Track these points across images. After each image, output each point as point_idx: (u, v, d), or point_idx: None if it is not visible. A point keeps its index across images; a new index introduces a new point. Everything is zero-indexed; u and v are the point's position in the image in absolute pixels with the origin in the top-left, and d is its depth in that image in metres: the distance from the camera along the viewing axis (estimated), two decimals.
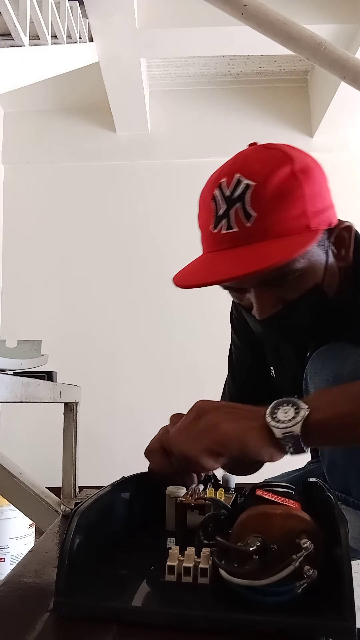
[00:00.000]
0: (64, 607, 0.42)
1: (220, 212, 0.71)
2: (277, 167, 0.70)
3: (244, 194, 0.69)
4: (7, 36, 1.52)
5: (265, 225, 0.69)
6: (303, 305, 0.75)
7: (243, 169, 0.71)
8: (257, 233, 0.69)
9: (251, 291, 0.74)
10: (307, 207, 0.70)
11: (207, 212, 0.74)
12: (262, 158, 0.72)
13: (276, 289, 0.73)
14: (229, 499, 0.61)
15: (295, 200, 0.70)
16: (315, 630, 0.39)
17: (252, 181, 0.69)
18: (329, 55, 1.43)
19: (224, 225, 0.71)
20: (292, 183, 0.70)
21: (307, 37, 1.43)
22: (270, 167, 0.70)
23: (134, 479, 0.63)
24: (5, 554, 1.75)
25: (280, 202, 0.69)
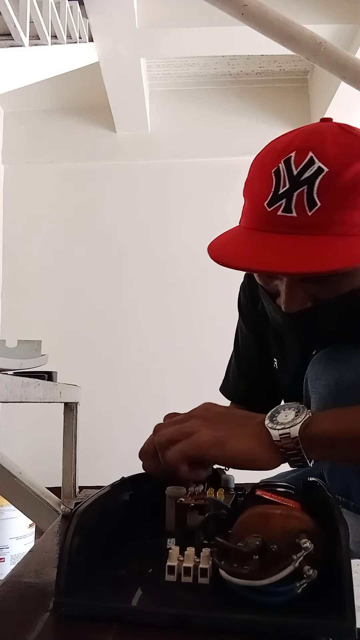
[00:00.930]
0: (64, 607, 0.42)
1: (282, 191, 0.63)
2: (355, 157, 0.63)
3: (314, 179, 0.62)
4: (7, 36, 1.52)
5: (329, 220, 0.62)
6: (333, 308, 0.69)
7: (319, 148, 0.63)
8: (318, 225, 0.62)
9: (283, 280, 0.68)
10: None
11: (265, 184, 0.65)
12: (341, 142, 0.64)
13: (311, 285, 0.67)
14: (229, 499, 0.61)
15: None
16: (315, 630, 0.39)
17: (326, 166, 0.62)
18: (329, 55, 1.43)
19: (282, 207, 0.63)
20: None
21: (307, 37, 1.43)
22: (350, 156, 0.63)
23: (134, 479, 0.63)
24: (5, 554, 1.76)
25: (352, 198, 0.62)
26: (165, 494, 0.60)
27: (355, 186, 0.62)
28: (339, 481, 0.77)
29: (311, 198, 0.62)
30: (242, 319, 1.00)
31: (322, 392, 0.75)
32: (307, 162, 0.63)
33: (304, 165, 0.63)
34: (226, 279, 0.83)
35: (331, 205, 0.62)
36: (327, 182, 0.62)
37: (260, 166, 0.68)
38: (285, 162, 0.64)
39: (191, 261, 2.56)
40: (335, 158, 0.62)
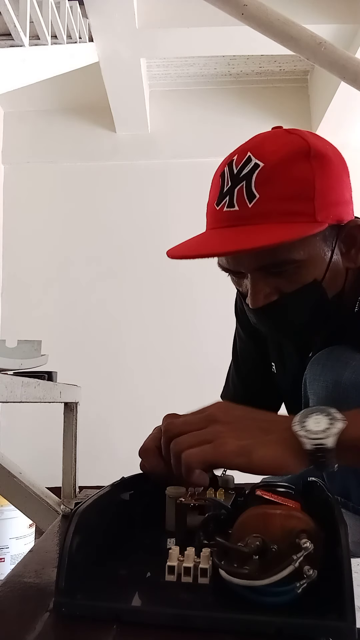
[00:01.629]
0: (64, 607, 0.42)
1: (225, 189, 0.69)
2: (291, 152, 0.68)
3: (251, 174, 0.67)
4: (7, 36, 1.52)
5: (267, 209, 0.66)
6: (299, 301, 0.71)
7: (256, 149, 0.69)
8: (258, 215, 0.67)
9: (248, 277, 0.71)
10: (316, 198, 0.67)
11: (215, 187, 0.72)
12: (279, 141, 0.70)
13: (273, 277, 0.70)
14: (229, 499, 0.61)
15: (303, 189, 0.67)
16: (315, 630, 0.39)
17: (262, 162, 0.67)
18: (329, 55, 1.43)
19: (226, 203, 0.69)
20: (303, 170, 0.67)
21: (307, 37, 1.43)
22: (284, 151, 0.68)
23: (134, 479, 0.63)
24: (5, 554, 1.76)
25: (287, 188, 0.66)
26: (165, 494, 0.60)
27: (291, 178, 0.66)
28: (337, 482, 0.77)
29: (250, 191, 0.67)
30: (239, 325, 1.01)
31: (321, 393, 0.75)
32: (245, 160, 0.68)
33: (243, 163, 0.68)
34: (226, 279, 0.83)
35: (269, 196, 0.66)
36: (264, 176, 0.66)
37: (215, 175, 0.73)
38: (229, 164, 0.70)
39: (191, 261, 2.56)
40: (271, 154, 0.67)
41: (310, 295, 0.71)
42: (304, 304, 0.72)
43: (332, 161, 0.70)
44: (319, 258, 0.70)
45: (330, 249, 0.71)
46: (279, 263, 0.68)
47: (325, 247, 0.71)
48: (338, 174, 0.71)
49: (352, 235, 0.73)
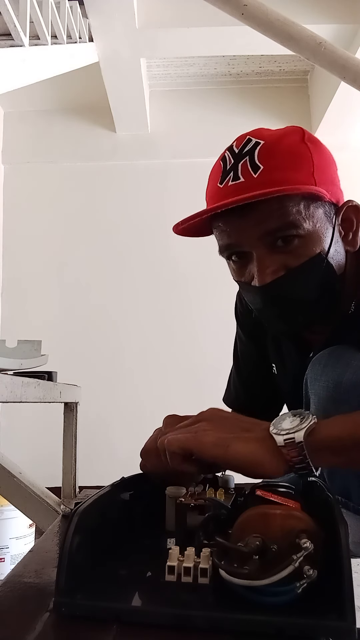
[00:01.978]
0: (64, 607, 0.42)
1: (229, 167, 0.71)
2: (286, 132, 0.72)
3: (253, 149, 0.70)
4: (7, 36, 1.52)
5: (273, 178, 0.67)
6: (307, 274, 0.71)
7: (254, 133, 0.73)
8: (264, 183, 0.67)
9: (253, 260, 0.71)
10: (315, 171, 0.70)
11: (216, 172, 0.74)
12: (274, 130, 0.75)
13: (278, 254, 0.70)
14: (229, 499, 0.61)
15: (303, 162, 0.70)
16: (315, 630, 0.39)
17: (262, 140, 0.70)
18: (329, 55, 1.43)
19: (231, 177, 0.70)
20: (301, 147, 0.71)
21: (307, 37, 1.43)
22: (282, 132, 0.72)
23: (134, 479, 0.63)
24: (5, 554, 1.76)
25: (289, 160, 0.69)
26: (165, 494, 0.60)
27: (291, 151, 0.70)
28: (338, 482, 0.77)
29: (254, 163, 0.69)
30: (240, 327, 1.01)
31: (321, 393, 0.75)
32: (246, 141, 0.71)
33: (244, 144, 0.71)
34: (226, 278, 0.83)
35: (273, 166, 0.69)
36: (266, 150, 0.69)
37: (213, 167, 0.76)
38: (229, 149, 0.73)
39: (191, 261, 2.56)
40: (268, 135, 0.71)
41: (317, 268, 0.71)
42: (312, 277, 0.71)
43: (323, 147, 0.75)
44: (322, 231, 0.71)
45: (332, 226, 0.73)
46: (285, 228, 0.68)
47: (327, 222, 0.72)
48: (330, 159, 0.75)
49: (349, 218, 0.76)
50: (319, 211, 0.71)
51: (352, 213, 0.75)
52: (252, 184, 0.68)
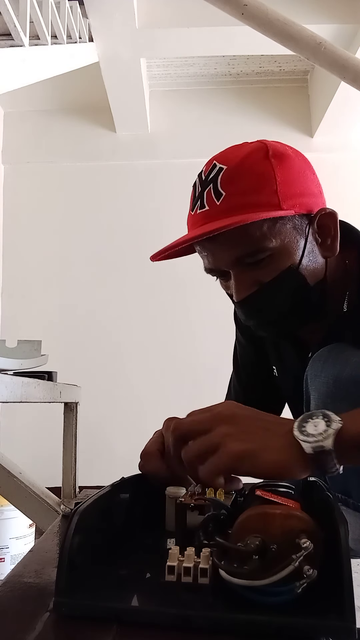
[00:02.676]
0: (64, 607, 0.42)
1: (197, 195, 0.76)
2: (250, 152, 0.74)
3: (217, 176, 0.73)
4: (7, 36, 1.52)
5: (234, 203, 0.71)
6: (278, 287, 0.74)
7: (220, 157, 0.76)
8: (226, 210, 0.71)
9: (232, 277, 0.75)
10: (279, 188, 0.72)
11: (190, 199, 0.78)
12: (241, 148, 0.76)
13: (251, 270, 0.74)
14: (229, 499, 0.61)
15: (265, 181, 0.72)
16: (315, 630, 0.39)
17: (225, 165, 0.73)
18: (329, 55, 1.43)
19: (199, 206, 0.75)
20: (263, 166, 0.73)
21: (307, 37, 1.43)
22: (243, 153, 0.74)
23: (134, 480, 0.63)
24: (5, 554, 1.76)
25: (250, 182, 0.72)
26: (165, 494, 0.60)
27: (253, 172, 0.72)
28: (337, 479, 0.77)
29: (217, 191, 0.72)
30: (239, 331, 1.02)
31: (321, 389, 0.75)
32: (212, 167, 0.75)
33: (210, 170, 0.75)
34: None
35: (234, 191, 0.72)
36: (228, 176, 0.72)
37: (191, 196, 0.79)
38: (199, 175, 0.77)
39: (191, 261, 2.56)
40: (232, 158, 0.74)
41: (288, 281, 0.75)
42: (284, 289, 0.75)
43: (291, 158, 0.76)
44: (292, 245, 0.74)
45: (304, 237, 0.75)
46: (253, 252, 0.73)
47: (297, 235, 0.74)
48: (300, 169, 0.76)
49: (325, 225, 0.77)
50: (287, 226, 0.73)
51: (327, 220, 0.77)
52: (215, 212, 0.72)
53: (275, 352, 0.94)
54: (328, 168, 2.82)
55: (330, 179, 0.83)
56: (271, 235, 0.72)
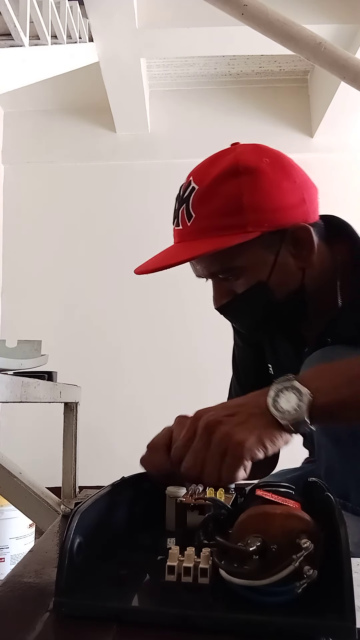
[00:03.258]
0: (64, 607, 0.42)
1: (174, 211, 0.81)
2: (220, 171, 0.76)
3: (189, 196, 0.77)
4: (7, 36, 1.52)
5: (202, 226, 0.76)
6: (247, 300, 0.80)
7: (197, 172, 0.79)
8: (195, 232, 0.77)
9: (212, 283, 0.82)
10: (245, 210, 0.74)
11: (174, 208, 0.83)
12: (213, 163, 0.79)
13: (225, 282, 0.80)
14: (229, 499, 0.61)
15: (232, 204, 0.74)
16: (315, 630, 0.39)
17: (197, 185, 0.77)
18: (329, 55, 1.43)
19: (176, 222, 0.81)
20: (231, 187, 0.75)
21: (307, 37, 1.43)
22: (215, 171, 0.76)
23: (134, 479, 0.63)
24: (5, 554, 1.75)
25: (217, 206, 0.75)
26: (166, 493, 0.60)
27: (220, 196, 0.75)
28: (336, 483, 0.77)
29: (188, 212, 0.77)
30: (236, 333, 1.04)
31: None
32: (187, 184, 0.79)
33: (185, 187, 0.79)
34: None
35: (203, 214, 0.76)
36: (198, 197, 0.76)
37: None
38: (180, 187, 0.81)
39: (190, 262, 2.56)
40: (205, 177, 0.76)
41: (256, 295, 0.79)
42: (253, 302, 0.80)
43: (263, 172, 0.76)
44: (260, 262, 0.78)
45: (274, 253, 0.78)
46: (222, 270, 0.79)
47: (266, 252, 0.77)
48: (273, 182, 0.76)
49: (299, 238, 0.78)
50: (254, 246, 0.76)
51: (301, 234, 0.78)
52: (186, 232, 0.78)
53: (271, 350, 0.96)
54: (327, 168, 2.82)
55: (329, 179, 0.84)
56: (238, 256, 0.76)
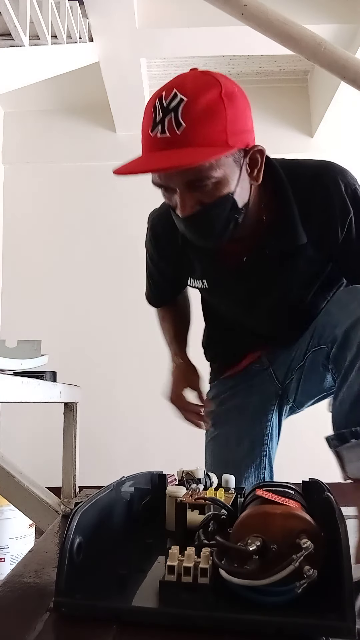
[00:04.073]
0: (64, 607, 0.42)
1: (158, 119, 0.84)
2: (207, 88, 0.85)
3: (177, 106, 0.83)
4: (7, 36, 1.52)
5: (191, 135, 0.82)
6: (216, 209, 0.89)
7: (180, 86, 0.85)
8: (184, 140, 0.83)
9: (177, 194, 0.88)
10: (228, 126, 0.84)
11: (149, 118, 0.87)
12: (197, 80, 0.86)
13: (196, 192, 0.87)
14: (229, 499, 0.61)
15: (218, 119, 0.83)
16: (315, 630, 0.39)
17: (185, 97, 0.83)
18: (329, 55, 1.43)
19: (159, 130, 0.84)
20: (217, 104, 0.84)
21: (307, 37, 1.43)
22: (202, 88, 0.84)
23: (134, 479, 0.63)
24: (5, 554, 1.75)
25: (206, 118, 0.83)
26: (166, 493, 0.61)
27: (208, 109, 0.83)
28: None
29: (177, 121, 0.82)
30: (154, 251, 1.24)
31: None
32: (172, 95, 0.84)
33: (171, 98, 0.84)
34: None
35: (192, 124, 0.82)
36: (187, 108, 0.82)
37: (146, 108, 0.89)
38: (159, 99, 0.85)
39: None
40: (192, 90, 0.84)
41: (224, 205, 0.90)
42: (220, 211, 0.90)
43: (238, 98, 0.88)
44: (231, 176, 0.88)
45: (239, 168, 0.89)
46: (201, 179, 0.85)
47: (235, 167, 0.88)
48: (243, 108, 0.90)
49: (254, 158, 0.91)
50: (229, 160, 0.87)
51: (257, 155, 0.92)
52: (175, 139, 0.83)
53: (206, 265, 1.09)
54: None
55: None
56: (217, 167, 0.85)
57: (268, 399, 1.18)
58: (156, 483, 0.72)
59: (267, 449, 1.16)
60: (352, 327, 0.89)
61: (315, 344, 1.02)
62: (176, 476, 0.76)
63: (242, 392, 1.20)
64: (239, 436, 1.16)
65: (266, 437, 1.16)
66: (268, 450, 1.16)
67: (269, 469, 1.16)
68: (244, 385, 1.20)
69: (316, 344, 1.02)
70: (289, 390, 1.14)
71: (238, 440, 1.16)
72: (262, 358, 1.20)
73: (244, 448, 1.15)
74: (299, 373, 1.09)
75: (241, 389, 1.20)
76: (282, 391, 1.16)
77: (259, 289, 1.06)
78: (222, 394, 1.23)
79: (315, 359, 1.02)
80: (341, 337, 0.91)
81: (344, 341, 0.91)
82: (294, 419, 1.29)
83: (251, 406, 1.18)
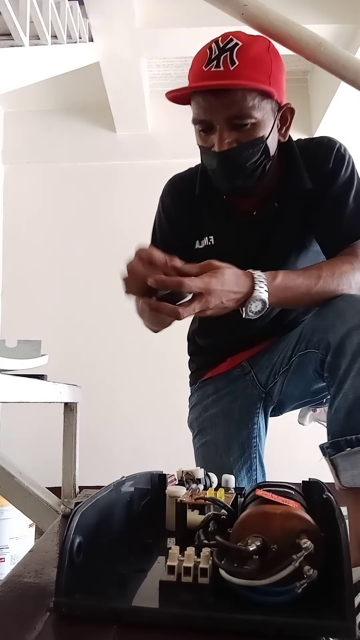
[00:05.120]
0: (64, 607, 0.42)
1: (214, 56, 0.96)
2: (258, 41, 0.99)
3: (233, 48, 0.95)
4: (7, 36, 1.52)
5: (243, 72, 0.94)
6: (251, 148, 0.97)
7: (235, 34, 0.97)
8: (236, 75, 0.93)
9: (216, 132, 0.97)
10: (271, 76, 0.96)
11: (202, 56, 0.98)
12: (250, 36, 0.99)
13: (234, 131, 0.96)
14: (229, 499, 0.61)
15: (265, 67, 0.96)
16: (315, 630, 0.39)
17: (240, 42, 0.95)
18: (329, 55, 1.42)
19: (214, 65, 0.95)
20: (265, 55, 0.97)
21: (307, 37, 1.43)
22: (254, 39, 0.99)
23: (134, 479, 0.63)
24: (5, 554, 1.75)
25: (256, 62, 0.95)
26: (166, 493, 0.61)
27: (258, 56, 0.96)
28: None
29: (232, 59, 0.94)
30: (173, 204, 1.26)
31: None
32: (229, 40, 0.97)
33: (227, 42, 0.96)
34: None
35: (245, 64, 0.94)
36: (242, 51, 0.95)
37: (201, 51, 1.01)
38: (216, 42, 0.98)
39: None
40: (245, 39, 0.97)
41: (258, 146, 0.98)
42: (254, 151, 0.98)
43: (279, 59, 1.01)
44: (267, 121, 0.98)
45: (274, 119, 1.00)
46: (242, 116, 0.95)
47: (272, 116, 0.99)
48: (282, 69, 1.03)
49: (285, 116, 1.03)
50: (268, 106, 0.97)
51: (288, 113, 1.03)
52: (228, 73, 0.94)
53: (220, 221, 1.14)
54: None
55: None
56: (259, 108, 0.95)
57: (252, 402, 1.15)
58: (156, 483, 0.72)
59: (257, 451, 1.14)
60: (347, 335, 0.87)
61: (302, 347, 1.00)
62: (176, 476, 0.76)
63: (225, 397, 1.18)
64: (227, 442, 1.14)
65: (254, 439, 1.15)
66: (258, 452, 1.14)
67: (260, 469, 1.15)
68: (227, 390, 1.19)
69: (303, 348, 1.00)
70: (273, 392, 1.13)
71: (227, 446, 1.14)
72: (243, 363, 1.18)
73: (234, 453, 1.13)
74: (283, 377, 1.08)
75: (224, 394, 1.18)
76: (266, 394, 1.15)
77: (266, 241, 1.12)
78: (205, 400, 1.21)
79: (302, 363, 1.01)
80: (335, 344, 0.89)
81: (338, 349, 0.88)
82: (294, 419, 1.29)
83: (236, 411, 1.16)
